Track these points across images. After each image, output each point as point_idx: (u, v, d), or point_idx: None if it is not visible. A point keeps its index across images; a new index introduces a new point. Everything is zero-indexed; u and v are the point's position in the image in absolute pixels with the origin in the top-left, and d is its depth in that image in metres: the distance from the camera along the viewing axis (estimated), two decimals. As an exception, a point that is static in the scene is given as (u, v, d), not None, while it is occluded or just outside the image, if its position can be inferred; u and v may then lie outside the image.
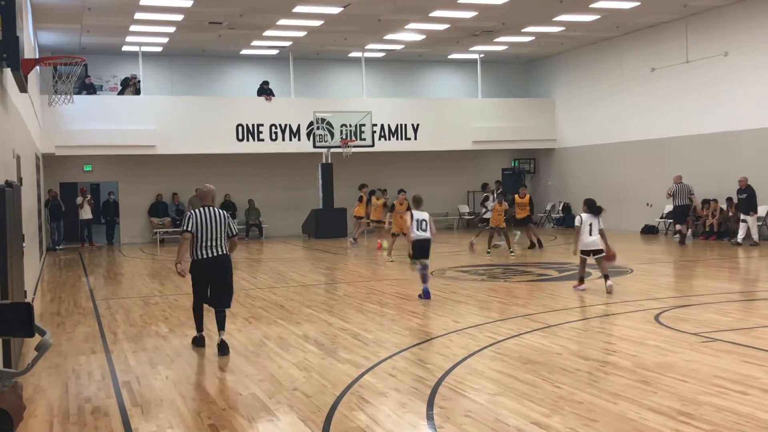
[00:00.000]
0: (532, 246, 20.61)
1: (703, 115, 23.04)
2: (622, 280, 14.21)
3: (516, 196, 21.24)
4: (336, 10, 21.08)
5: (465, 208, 30.43)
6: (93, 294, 14.42)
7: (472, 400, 6.55)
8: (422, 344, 8.92)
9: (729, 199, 21.59)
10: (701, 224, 22.41)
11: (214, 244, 8.82)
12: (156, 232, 26.33)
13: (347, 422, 6.06)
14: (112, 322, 11.30)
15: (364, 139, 26.28)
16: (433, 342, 9.03)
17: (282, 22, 22.44)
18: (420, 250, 12.56)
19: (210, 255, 8.81)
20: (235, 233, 9.09)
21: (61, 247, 24.91)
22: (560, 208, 29.35)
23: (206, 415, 6.38)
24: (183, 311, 12.00)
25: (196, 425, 6.14)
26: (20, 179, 11.25)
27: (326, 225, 26.16)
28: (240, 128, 26.19)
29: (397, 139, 28.00)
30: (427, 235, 12.58)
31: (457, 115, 28.67)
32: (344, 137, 25.95)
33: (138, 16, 21.17)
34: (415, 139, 28.17)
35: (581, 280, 12.91)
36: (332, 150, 26.24)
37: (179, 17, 21.58)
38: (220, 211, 9.10)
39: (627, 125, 26.15)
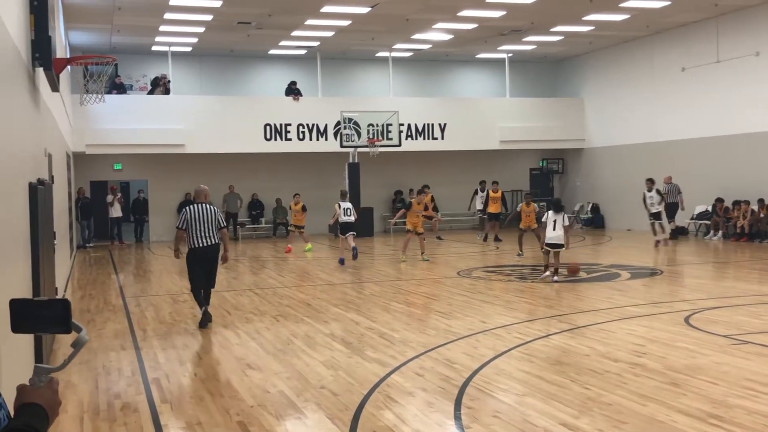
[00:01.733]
0: (485, 239, 22.35)
1: (734, 116, 22.77)
2: (652, 281, 14.10)
3: (490, 191, 22.90)
4: (364, 9, 21.10)
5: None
6: (123, 291, 14.57)
7: (499, 401, 6.53)
8: (449, 344, 8.90)
9: (761, 201, 21.32)
10: (732, 225, 22.15)
11: (206, 234, 10.43)
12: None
13: (374, 421, 6.07)
14: (141, 319, 11.41)
15: (391, 139, 26.28)
16: (460, 342, 9.01)
17: (310, 22, 22.51)
18: (345, 227, 18.39)
19: (203, 244, 10.44)
20: (223, 225, 10.68)
21: (91, 244, 25.18)
22: (588, 209, 29.15)
23: (234, 412, 6.42)
24: (211, 309, 12.06)
25: (225, 422, 6.18)
26: (52, 177, 11.38)
27: (353, 224, 26.13)
28: (268, 128, 26.31)
29: (424, 138, 27.96)
30: (352, 219, 18.52)
31: (485, 114, 28.57)
32: (371, 137, 25.96)
33: (168, 16, 21.34)
34: (442, 138, 28.11)
35: (545, 268, 14.36)
36: (359, 150, 26.27)
37: (208, 17, 21.72)
38: (211, 207, 10.64)
39: (657, 125, 25.90)
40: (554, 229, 14.07)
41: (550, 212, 14.26)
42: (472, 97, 30.02)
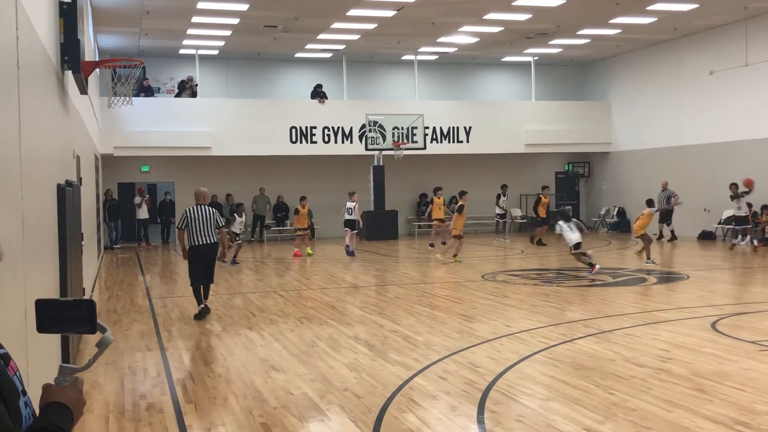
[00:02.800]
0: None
1: (763, 119, 22.49)
2: (679, 286, 13.97)
3: (541, 196, 23.70)
4: (390, 13, 21.12)
5: (517, 212, 30.20)
6: (149, 292, 14.69)
7: (523, 405, 6.51)
8: (473, 348, 8.88)
9: (790, 206, 21.05)
10: (760, 231, 21.88)
11: (204, 233, 11.27)
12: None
13: (397, 424, 6.07)
14: (167, 320, 11.49)
15: (416, 142, 26.29)
16: (484, 346, 8.98)
17: (336, 25, 22.58)
18: (346, 223, 20.96)
19: (202, 242, 11.29)
20: (221, 225, 11.54)
21: (118, 246, 25.41)
22: (615, 213, 28.94)
23: (258, 414, 6.45)
24: (236, 310, 12.15)
25: (249, 423, 6.21)
26: (80, 179, 11.51)
27: (377, 227, 26.21)
28: (294, 130, 26.42)
29: (449, 141, 27.93)
30: (352, 217, 20.94)
31: (510, 117, 28.48)
32: (396, 140, 25.99)
33: (195, 19, 21.51)
34: (468, 141, 28.06)
35: (591, 266, 15.41)
36: (384, 152, 26.30)
37: (235, 21, 21.86)
38: (209, 208, 11.50)
39: (684, 129, 25.67)
40: (572, 231, 15.51)
41: (561, 222, 15.81)
42: (498, 100, 29.94)
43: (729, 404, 6.34)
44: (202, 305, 11.48)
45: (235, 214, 20.30)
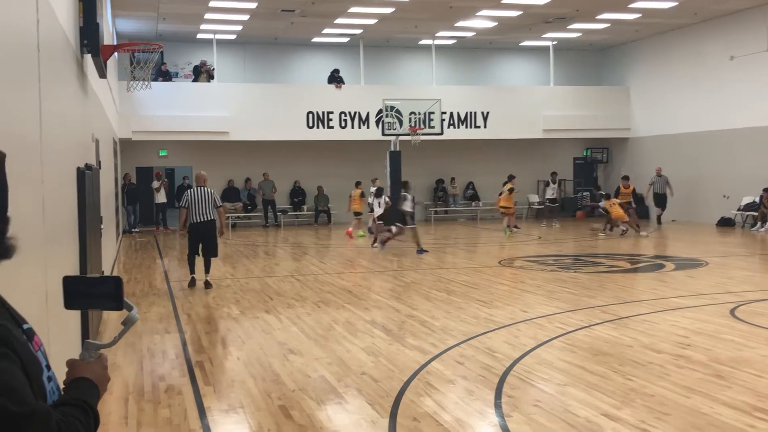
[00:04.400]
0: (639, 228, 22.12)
1: (785, 105, 22.27)
2: (697, 272, 13.89)
3: (621, 186, 23.86)
4: (407, -3, 21.03)
5: (535, 198, 30.10)
6: (167, 276, 14.78)
7: (540, 390, 6.51)
8: (490, 333, 8.88)
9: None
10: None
11: (203, 212, 12.55)
12: (228, 217, 26.78)
13: (415, 408, 6.08)
14: (185, 303, 11.57)
15: (433, 127, 26.18)
16: (501, 331, 8.98)
17: (353, 9, 22.50)
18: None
19: (200, 220, 12.58)
20: (219, 204, 12.85)
21: (136, 229, 25.56)
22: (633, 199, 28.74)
23: (276, 396, 6.48)
24: (254, 294, 12.21)
25: (267, 406, 6.24)
26: (99, 163, 11.56)
27: (394, 212, 26.13)
28: (310, 115, 26.41)
29: (467, 127, 27.83)
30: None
31: (528, 103, 28.32)
32: (413, 125, 25.90)
33: (213, 4, 21.51)
34: (485, 127, 27.95)
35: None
36: (401, 138, 26.22)
37: (253, 5, 21.84)
38: (208, 189, 12.74)
39: (704, 115, 25.44)
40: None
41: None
42: (516, 85, 29.77)
43: (747, 390, 6.31)
44: (193, 275, 13.02)
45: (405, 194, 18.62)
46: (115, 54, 13.70)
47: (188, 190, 12.88)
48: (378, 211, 19.74)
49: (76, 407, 1.72)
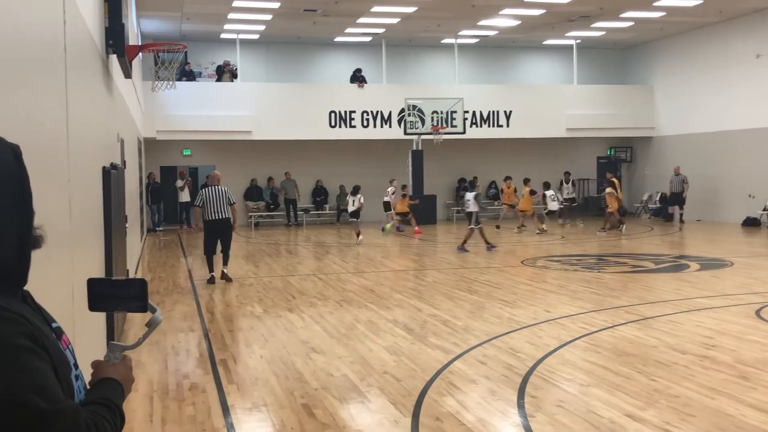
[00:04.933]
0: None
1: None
2: (722, 273, 13.76)
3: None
4: (430, -4, 21.01)
5: (566, 192, 29.89)
6: (191, 274, 14.87)
7: (563, 390, 6.48)
8: (512, 333, 8.86)
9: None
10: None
11: (217, 210, 13.05)
12: (251, 216, 26.91)
13: (437, 407, 6.08)
14: (209, 301, 11.64)
15: (455, 126, 26.16)
16: (524, 331, 8.95)
17: (376, 8, 22.51)
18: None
19: (215, 218, 13.09)
20: (233, 202, 13.27)
21: (161, 228, 25.75)
22: (657, 199, 28.54)
23: (299, 395, 6.51)
24: (277, 292, 12.26)
25: (290, 404, 6.27)
26: (124, 162, 11.66)
27: (416, 211, 26.17)
28: (333, 115, 26.46)
29: (489, 126, 27.75)
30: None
31: (551, 101, 28.19)
32: (435, 124, 25.90)
33: (236, 3, 21.60)
34: (508, 126, 27.86)
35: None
36: (423, 137, 26.23)
37: (276, 5, 21.91)
38: (222, 188, 13.23)
39: (729, 114, 25.19)
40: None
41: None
42: (539, 84, 29.64)
43: (774, 392, 6.25)
44: (212, 273, 13.44)
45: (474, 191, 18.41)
46: (140, 54, 13.80)
47: (203, 189, 13.42)
48: (351, 208, 20.35)
49: (103, 406, 1.74)
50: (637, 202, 29.56)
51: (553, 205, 23.34)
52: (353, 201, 20.39)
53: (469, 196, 18.15)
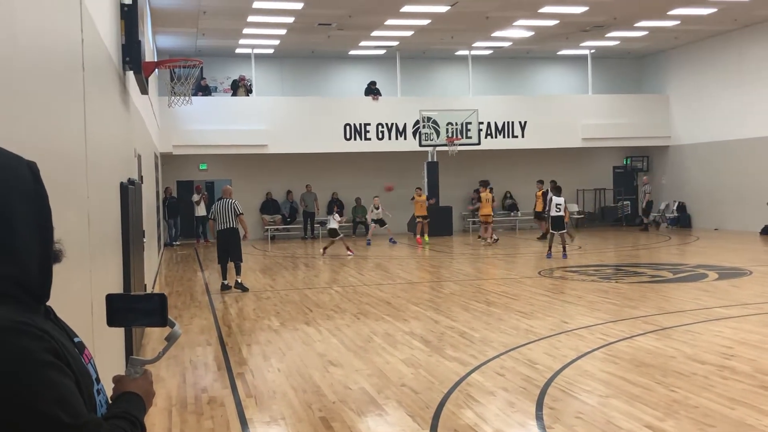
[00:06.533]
0: None
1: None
2: (741, 282, 13.66)
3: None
4: (444, 8, 21.07)
5: (574, 207, 29.83)
6: (208, 288, 14.92)
7: (582, 402, 6.45)
8: (530, 344, 8.83)
9: None
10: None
11: (225, 221, 14.22)
12: (267, 229, 26.99)
13: (455, 419, 6.07)
14: (226, 315, 11.68)
15: (470, 137, 26.18)
16: (542, 342, 8.92)
17: (390, 22, 22.60)
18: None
19: (223, 228, 14.24)
20: (239, 213, 14.35)
21: (177, 242, 25.86)
22: (675, 208, 28.41)
23: (317, 408, 6.51)
24: (294, 306, 12.28)
25: (308, 417, 6.28)
26: (141, 177, 11.74)
27: (432, 223, 26.15)
28: (347, 127, 26.54)
29: (504, 136, 27.73)
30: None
31: (566, 111, 28.14)
32: (450, 136, 25.92)
33: (251, 19, 21.75)
34: (523, 136, 27.82)
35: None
36: (438, 148, 26.26)
37: (290, 19, 22.05)
38: (230, 201, 14.37)
39: (746, 121, 25.05)
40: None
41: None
42: (554, 94, 29.61)
43: (795, 402, 6.20)
44: (225, 281, 14.36)
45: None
46: (156, 70, 13.91)
47: (215, 203, 14.78)
48: (332, 224, 20.58)
49: (125, 420, 1.76)
50: (655, 211, 29.42)
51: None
52: (330, 219, 20.75)
53: (559, 200, 18.56)
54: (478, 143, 26.36)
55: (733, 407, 6.12)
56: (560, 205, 18.38)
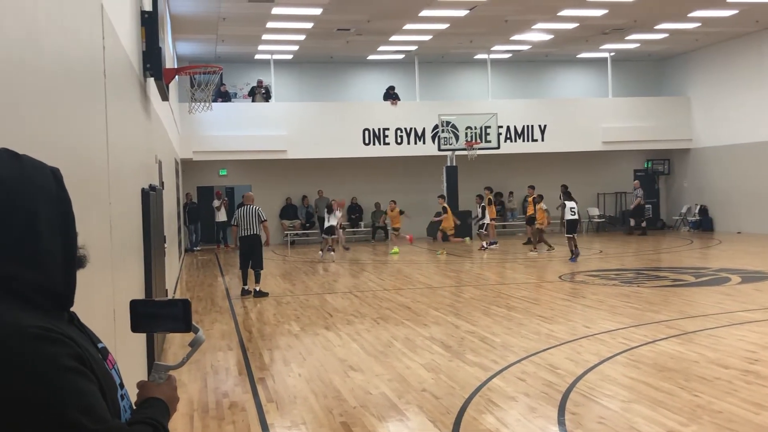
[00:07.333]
0: None
1: None
2: (765, 285, 13.53)
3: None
4: (462, 12, 21.06)
5: (595, 211, 29.70)
6: (229, 293, 14.98)
7: (604, 407, 6.41)
8: (551, 349, 8.78)
9: None
10: None
11: (249, 227, 14.26)
12: (287, 234, 27.06)
13: (476, 425, 6.05)
14: (246, 320, 11.71)
15: (490, 141, 26.12)
16: (563, 347, 8.87)
17: (408, 26, 22.61)
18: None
19: (247, 234, 14.30)
20: (263, 219, 14.41)
21: (198, 248, 25.99)
22: (696, 211, 28.19)
23: (338, 413, 6.51)
24: (314, 310, 12.30)
25: (329, 422, 6.28)
26: (162, 183, 11.80)
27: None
28: (366, 132, 26.57)
29: (524, 140, 27.65)
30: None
31: (587, 115, 28.01)
32: (469, 140, 25.88)
33: (270, 25, 21.84)
34: (542, 140, 27.73)
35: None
36: (457, 153, 26.22)
37: (309, 25, 22.12)
38: (254, 207, 14.40)
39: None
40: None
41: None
42: (573, 97, 29.49)
43: (821, 408, 6.12)
44: (246, 286, 14.44)
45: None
46: (176, 77, 14.00)
47: (237, 210, 14.70)
48: (332, 221, 21.00)
49: (148, 425, 1.77)
50: (676, 214, 29.20)
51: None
52: (327, 218, 21.09)
53: (572, 204, 18.87)
54: (498, 147, 26.30)
55: (758, 412, 6.06)
56: (574, 208, 18.58)
